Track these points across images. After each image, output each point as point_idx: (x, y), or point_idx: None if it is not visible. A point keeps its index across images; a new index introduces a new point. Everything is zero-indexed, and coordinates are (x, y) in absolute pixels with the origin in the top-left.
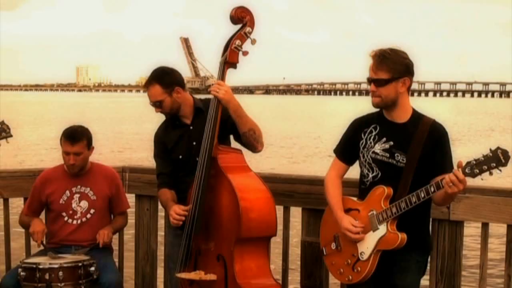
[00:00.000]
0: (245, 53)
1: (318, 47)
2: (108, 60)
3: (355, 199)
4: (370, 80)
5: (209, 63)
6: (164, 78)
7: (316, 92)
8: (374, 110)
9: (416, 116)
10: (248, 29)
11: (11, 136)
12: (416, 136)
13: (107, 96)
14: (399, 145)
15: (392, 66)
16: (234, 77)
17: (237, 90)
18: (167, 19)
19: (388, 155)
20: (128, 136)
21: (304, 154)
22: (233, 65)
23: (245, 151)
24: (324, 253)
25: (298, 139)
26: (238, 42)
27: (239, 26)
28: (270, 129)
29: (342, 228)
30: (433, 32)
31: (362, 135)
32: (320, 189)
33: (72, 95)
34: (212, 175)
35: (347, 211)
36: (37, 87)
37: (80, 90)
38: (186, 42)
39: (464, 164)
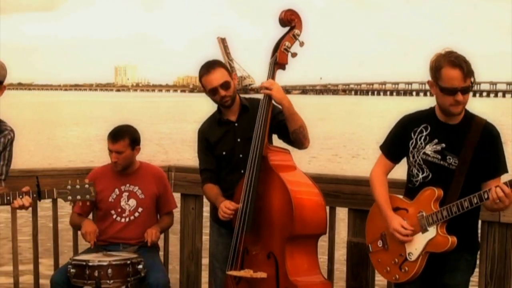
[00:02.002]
0: (294, 55)
1: (354, 47)
2: (145, 60)
3: (402, 197)
4: (459, 89)
5: (246, 63)
6: (222, 63)
7: (353, 92)
8: (416, 108)
9: (469, 117)
10: (296, 31)
11: (93, 199)
12: (468, 138)
13: (145, 95)
14: (451, 148)
15: (472, 71)
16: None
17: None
18: (205, 19)
19: (439, 157)
20: (168, 135)
21: (347, 154)
22: (282, 66)
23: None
24: (370, 250)
25: (339, 139)
26: (287, 43)
27: (287, 28)
28: (310, 130)
29: (391, 229)
30: (454, 31)
31: (412, 135)
32: (366, 189)
33: (111, 95)
34: (262, 173)
35: (395, 210)
36: (76, 87)
37: (118, 90)
38: (223, 42)
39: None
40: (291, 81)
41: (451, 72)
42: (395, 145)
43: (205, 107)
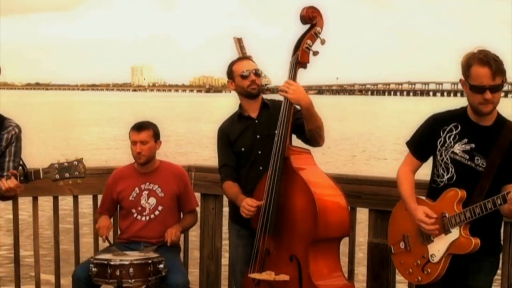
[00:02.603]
0: (316, 53)
1: (371, 47)
2: (162, 60)
3: (424, 198)
4: (487, 88)
5: (262, 63)
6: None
7: (369, 92)
8: (445, 108)
9: (501, 120)
10: (318, 29)
11: (83, 177)
12: (499, 141)
13: (161, 95)
14: (480, 149)
15: (503, 70)
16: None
17: None
18: (221, 20)
19: (467, 157)
20: (185, 136)
21: (364, 155)
22: (304, 65)
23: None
24: (392, 251)
25: (356, 140)
26: (309, 42)
27: (307, 26)
28: (327, 131)
29: (416, 219)
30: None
31: (441, 133)
32: (387, 190)
33: (127, 95)
34: (284, 175)
35: None
36: (93, 87)
37: (134, 90)
38: (239, 42)
39: None
40: (308, 81)
41: (479, 69)
42: (423, 142)
43: (222, 107)
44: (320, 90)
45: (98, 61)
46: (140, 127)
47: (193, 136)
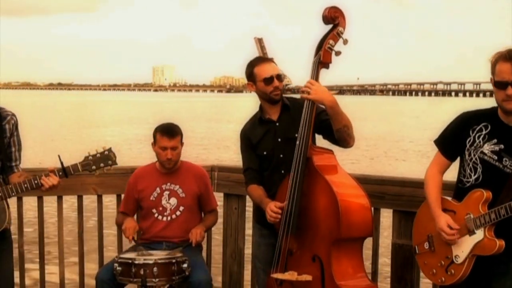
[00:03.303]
0: (338, 53)
1: (391, 47)
2: (182, 61)
3: (450, 199)
4: (509, 83)
5: (282, 63)
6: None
7: (391, 93)
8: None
9: None
10: (340, 29)
11: (116, 164)
12: None
13: (182, 95)
14: (509, 150)
15: None
16: (307, 78)
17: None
18: (241, 20)
19: (496, 157)
20: (206, 136)
21: (387, 156)
22: (326, 65)
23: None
24: (417, 251)
25: (378, 140)
26: (331, 42)
27: (330, 26)
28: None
29: (437, 227)
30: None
31: (471, 132)
32: (411, 191)
33: (148, 95)
34: (306, 175)
35: (443, 211)
36: (115, 87)
37: (156, 90)
38: (260, 42)
39: None
40: (329, 81)
41: (502, 66)
42: (452, 141)
43: (242, 107)
44: (341, 90)
45: (120, 62)
46: (171, 133)
47: (213, 137)
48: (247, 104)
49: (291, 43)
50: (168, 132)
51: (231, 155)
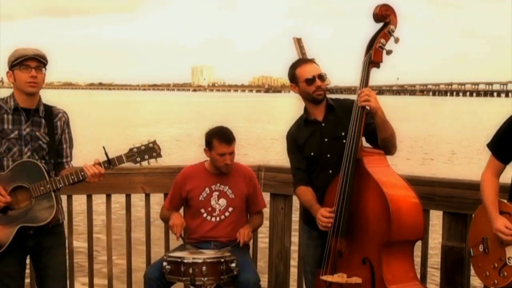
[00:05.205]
0: (389, 52)
1: (432, 47)
2: (221, 61)
3: (505, 201)
4: None
5: (321, 63)
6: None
7: (431, 93)
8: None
9: None
10: (391, 27)
11: (160, 156)
12: None
13: (221, 95)
14: None
15: None
16: (346, 77)
17: (349, 90)
18: (277, 20)
19: None
20: (247, 135)
21: (431, 157)
22: (377, 64)
23: None
24: (472, 254)
25: (422, 141)
26: (382, 40)
27: (381, 24)
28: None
29: (494, 229)
30: None
31: None
32: (462, 192)
33: (187, 95)
34: (356, 177)
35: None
36: (154, 87)
37: (195, 90)
38: (299, 42)
39: None
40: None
41: None
42: (504, 144)
43: (281, 107)
44: (380, 90)
45: (159, 62)
46: (230, 140)
47: (253, 137)
48: (286, 104)
49: (329, 43)
50: (227, 139)
51: (276, 156)
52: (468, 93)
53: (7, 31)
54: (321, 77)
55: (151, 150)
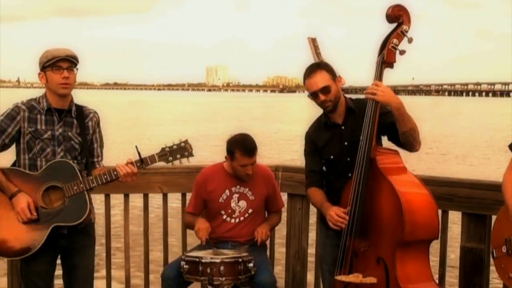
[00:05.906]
0: (402, 52)
1: (447, 47)
2: (235, 61)
3: None
4: None
5: (335, 63)
6: (327, 66)
7: (446, 93)
8: None
9: None
10: (404, 27)
11: (192, 156)
12: None
13: (235, 95)
14: None
15: None
16: (360, 78)
17: (364, 90)
18: (291, 20)
19: None
20: (263, 135)
21: (448, 157)
22: (390, 64)
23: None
24: (494, 255)
25: (436, 142)
26: (395, 41)
27: (394, 24)
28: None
29: None
30: None
31: None
32: (482, 193)
33: (202, 95)
34: (370, 176)
35: None
36: (169, 87)
37: (209, 90)
38: (313, 42)
39: None
40: (383, 81)
41: None
42: None
43: (296, 107)
44: (395, 90)
45: (173, 62)
46: (252, 152)
47: (267, 137)
48: (301, 104)
49: (342, 43)
50: (249, 151)
51: (293, 156)
52: (484, 93)
53: (20, 31)
54: (325, 89)
55: (183, 149)
